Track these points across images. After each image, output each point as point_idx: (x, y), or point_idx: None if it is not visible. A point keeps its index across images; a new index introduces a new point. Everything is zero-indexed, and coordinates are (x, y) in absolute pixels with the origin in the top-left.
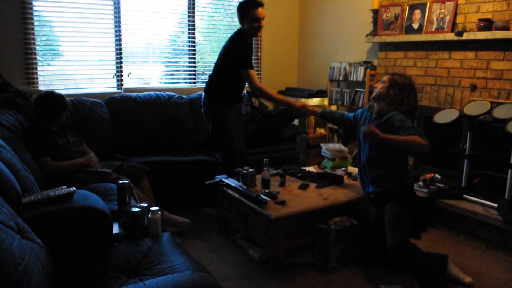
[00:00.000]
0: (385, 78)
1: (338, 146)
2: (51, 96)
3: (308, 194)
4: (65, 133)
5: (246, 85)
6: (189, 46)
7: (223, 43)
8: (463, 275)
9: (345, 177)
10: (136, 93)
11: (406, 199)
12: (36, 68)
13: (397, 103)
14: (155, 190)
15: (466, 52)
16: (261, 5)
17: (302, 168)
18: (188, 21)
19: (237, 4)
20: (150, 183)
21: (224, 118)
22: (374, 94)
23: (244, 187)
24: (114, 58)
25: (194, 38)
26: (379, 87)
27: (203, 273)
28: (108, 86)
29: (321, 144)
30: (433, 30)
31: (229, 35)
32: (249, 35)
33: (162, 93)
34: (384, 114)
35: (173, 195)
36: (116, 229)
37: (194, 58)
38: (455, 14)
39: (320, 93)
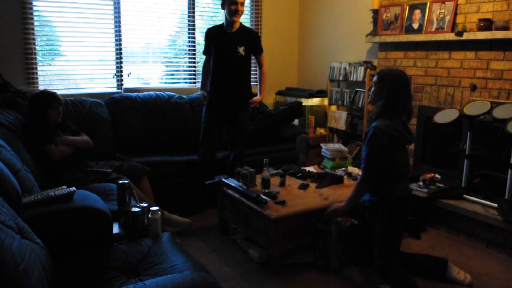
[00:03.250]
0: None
1: (338, 146)
2: (37, 95)
3: (308, 194)
4: (62, 130)
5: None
6: (189, 46)
7: None
8: (464, 276)
9: (345, 177)
10: (136, 93)
11: (395, 213)
12: (36, 68)
13: (383, 101)
14: (155, 190)
15: (466, 52)
16: None
17: (302, 168)
18: (188, 21)
19: None
20: (150, 183)
21: (203, 114)
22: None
23: (244, 187)
24: (114, 58)
25: (194, 38)
26: None
27: (203, 273)
28: (108, 86)
29: (321, 144)
30: (433, 30)
31: None
32: (227, 21)
33: (162, 93)
34: (371, 121)
35: (173, 195)
36: (116, 229)
37: (194, 58)
38: (455, 14)
39: (320, 93)
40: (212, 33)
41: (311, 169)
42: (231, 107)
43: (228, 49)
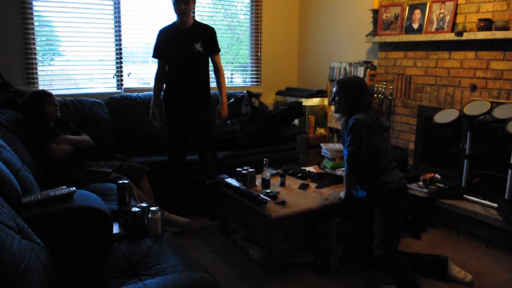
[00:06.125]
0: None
1: (338, 146)
2: (28, 98)
3: (308, 194)
4: (62, 129)
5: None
6: None
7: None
8: (464, 275)
9: None
10: (136, 93)
11: (394, 203)
12: (36, 68)
13: (351, 105)
14: (155, 190)
15: (466, 52)
16: None
17: (302, 168)
18: None
19: None
20: (150, 183)
21: (167, 116)
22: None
23: (244, 187)
24: (114, 58)
25: None
26: None
27: (203, 273)
28: (108, 86)
29: (321, 144)
30: (433, 30)
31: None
32: (178, 22)
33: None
34: (344, 126)
35: (173, 195)
36: (116, 229)
37: None
38: (455, 14)
39: (320, 93)
40: (165, 33)
41: (311, 169)
42: (190, 108)
43: (184, 46)
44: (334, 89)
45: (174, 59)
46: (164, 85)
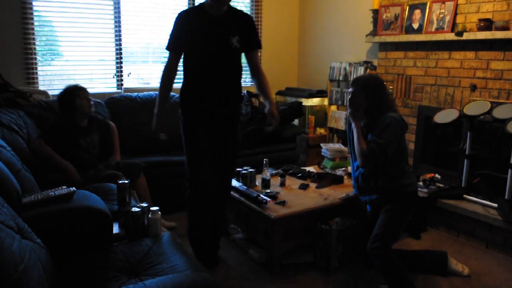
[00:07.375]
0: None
1: (338, 146)
2: (62, 91)
3: (308, 194)
4: (90, 132)
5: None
6: None
7: None
8: (462, 267)
9: (345, 177)
10: (136, 93)
11: (407, 205)
12: (36, 68)
13: (378, 101)
14: (154, 190)
15: (466, 52)
16: None
17: (302, 168)
18: None
19: None
20: (149, 183)
21: (185, 130)
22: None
23: (244, 187)
24: (114, 58)
25: None
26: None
27: (203, 273)
28: (108, 86)
29: (321, 144)
30: (433, 30)
31: None
32: (209, 6)
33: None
34: (373, 124)
35: (172, 195)
36: (116, 229)
37: None
38: (455, 14)
39: (320, 93)
40: (190, 20)
41: (311, 169)
42: (223, 119)
43: (218, 40)
44: (352, 89)
45: (202, 55)
46: (182, 90)
